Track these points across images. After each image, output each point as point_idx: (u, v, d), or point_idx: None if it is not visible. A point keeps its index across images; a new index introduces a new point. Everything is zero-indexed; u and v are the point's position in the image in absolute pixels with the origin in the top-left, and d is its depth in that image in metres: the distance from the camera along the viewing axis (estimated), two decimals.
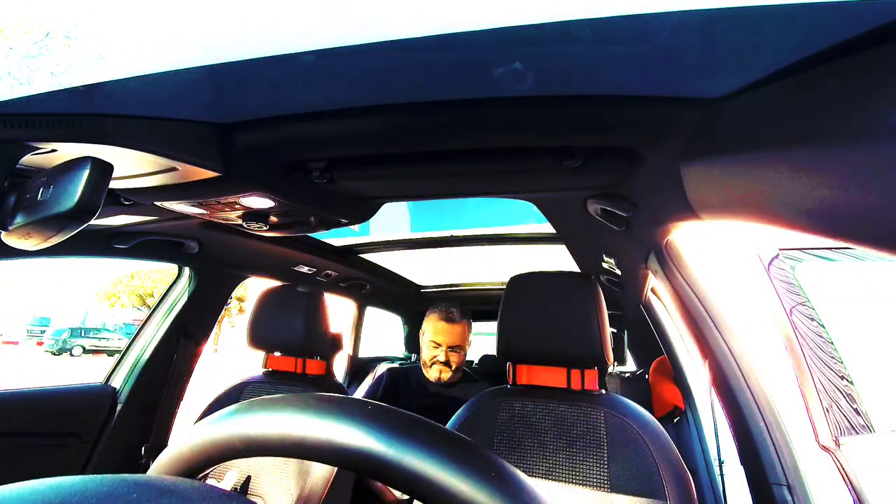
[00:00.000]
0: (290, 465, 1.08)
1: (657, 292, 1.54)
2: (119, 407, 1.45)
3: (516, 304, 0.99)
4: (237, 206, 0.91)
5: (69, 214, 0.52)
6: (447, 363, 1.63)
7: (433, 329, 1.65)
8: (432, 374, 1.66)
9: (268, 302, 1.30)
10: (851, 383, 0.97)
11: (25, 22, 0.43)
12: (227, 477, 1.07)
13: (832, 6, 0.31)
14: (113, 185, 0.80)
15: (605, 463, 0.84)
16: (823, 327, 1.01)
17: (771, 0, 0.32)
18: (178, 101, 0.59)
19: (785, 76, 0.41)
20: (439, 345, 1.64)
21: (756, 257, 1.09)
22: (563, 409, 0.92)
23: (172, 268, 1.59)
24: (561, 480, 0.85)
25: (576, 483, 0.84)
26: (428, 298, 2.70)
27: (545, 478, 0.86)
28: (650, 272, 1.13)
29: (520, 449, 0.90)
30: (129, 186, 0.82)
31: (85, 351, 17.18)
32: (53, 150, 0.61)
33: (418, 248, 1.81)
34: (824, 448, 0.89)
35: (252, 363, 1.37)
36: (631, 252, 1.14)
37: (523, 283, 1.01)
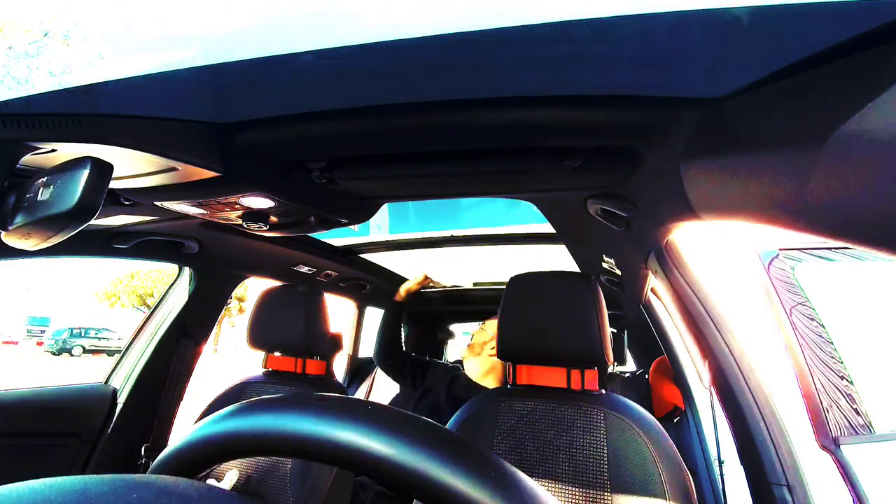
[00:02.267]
0: (290, 465, 1.08)
1: (657, 292, 1.54)
2: (119, 407, 1.45)
3: (516, 304, 0.99)
4: (237, 206, 0.91)
5: (69, 214, 0.52)
6: None
7: None
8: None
9: (268, 302, 1.30)
10: (851, 383, 0.97)
11: (25, 22, 0.43)
12: (227, 477, 1.07)
13: (832, 6, 0.31)
14: (113, 185, 0.80)
15: (605, 463, 0.84)
16: (823, 327, 1.01)
17: (770, 0, 0.32)
18: (178, 101, 0.59)
19: (785, 76, 0.41)
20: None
21: (756, 257, 1.09)
22: (564, 410, 0.92)
23: (172, 268, 1.59)
24: (561, 480, 0.85)
25: (576, 483, 0.84)
26: (428, 298, 2.70)
27: (545, 478, 0.86)
28: (650, 272, 1.13)
29: (520, 449, 0.90)
30: (129, 186, 0.82)
31: (85, 351, 17.18)
32: (53, 150, 0.61)
33: (418, 248, 1.82)
34: (824, 448, 0.89)
35: (253, 362, 1.37)
36: (631, 252, 1.14)
37: (523, 283, 1.01)
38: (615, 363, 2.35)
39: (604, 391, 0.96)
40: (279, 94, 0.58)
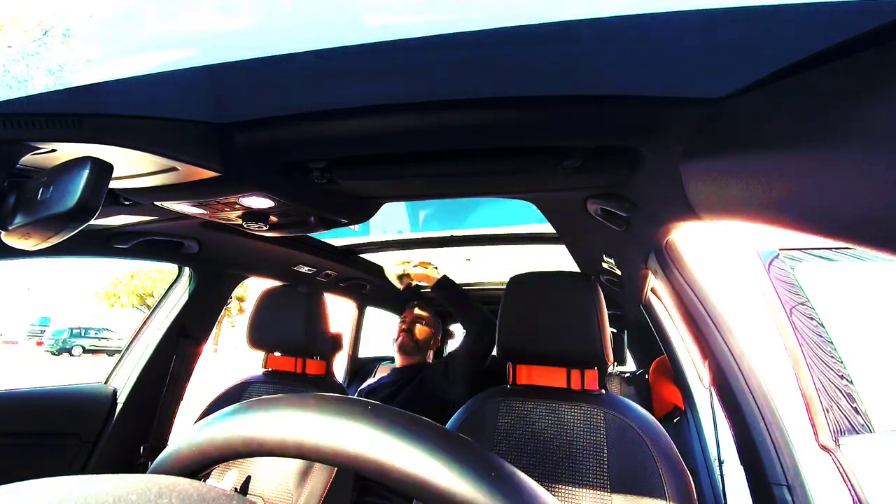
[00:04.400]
0: (290, 465, 1.08)
1: (657, 292, 1.54)
2: (119, 407, 1.45)
3: (516, 304, 0.99)
4: (237, 206, 0.91)
5: (69, 214, 0.52)
6: (409, 331, 1.88)
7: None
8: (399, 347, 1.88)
9: (268, 302, 1.30)
10: (851, 383, 0.97)
11: (25, 21, 0.43)
12: (227, 477, 1.07)
13: (832, 6, 0.31)
14: (113, 185, 0.80)
15: (605, 463, 0.84)
16: (823, 327, 1.01)
17: (771, 0, 0.32)
18: (178, 101, 0.59)
19: (785, 76, 0.41)
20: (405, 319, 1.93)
21: (756, 257, 1.09)
22: (563, 410, 0.92)
23: (172, 268, 1.59)
24: (561, 481, 0.85)
25: (576, 483, 0.84)
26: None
27: (545, 478, 0.86)
28: (650, 272, 1.13)
29: (520, 449, 0.90)
30: (129, 186, 0.82)
31: (85, 351, 17.17)
32: (53, 150, 0.61)
33: (418, 248, 1.81)
34: (824, 448, 0.89)
35: (253, 362, 1.37)
36: (631, 252, 1.14)
37: (523, 283, 1.01)
38: (615, 363, 2.35)
39: (604, 391, 0.96)
40: (279, 94, 0.58)
